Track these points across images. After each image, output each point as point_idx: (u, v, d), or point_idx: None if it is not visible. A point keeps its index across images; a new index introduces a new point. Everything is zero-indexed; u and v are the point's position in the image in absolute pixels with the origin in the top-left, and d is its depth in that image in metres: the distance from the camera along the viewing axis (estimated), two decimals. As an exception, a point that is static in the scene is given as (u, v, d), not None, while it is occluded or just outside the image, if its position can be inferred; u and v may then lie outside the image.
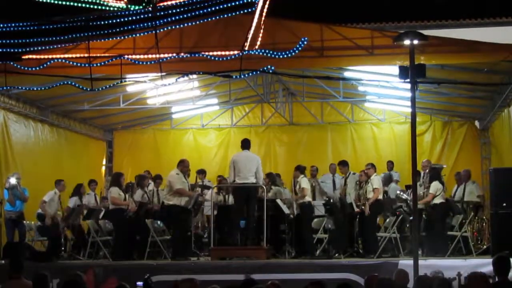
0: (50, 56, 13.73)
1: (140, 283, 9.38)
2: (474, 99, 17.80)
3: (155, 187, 16.41)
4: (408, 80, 11.76)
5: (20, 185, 15.66)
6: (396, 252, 14.95)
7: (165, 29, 13.14)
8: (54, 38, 12.20)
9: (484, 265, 12.44)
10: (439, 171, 15.85)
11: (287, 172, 18.11)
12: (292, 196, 15.70)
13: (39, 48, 13.57)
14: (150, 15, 11.21)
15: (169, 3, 11.19)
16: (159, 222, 15.67)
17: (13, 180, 15.53)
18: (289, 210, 15.51)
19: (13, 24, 11.64)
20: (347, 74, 16.91)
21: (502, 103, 15.90)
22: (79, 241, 16.51)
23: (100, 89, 14.56)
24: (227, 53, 13.09)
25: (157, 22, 11.79)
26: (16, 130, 16.99)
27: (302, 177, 15.35)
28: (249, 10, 12.06)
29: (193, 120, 21.87)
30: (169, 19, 11.88)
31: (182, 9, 11.47)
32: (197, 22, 12.99)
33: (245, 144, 14.86)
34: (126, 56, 13.51)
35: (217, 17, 12.82)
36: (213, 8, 11.59)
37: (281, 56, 12.96)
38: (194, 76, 16.12)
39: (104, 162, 21.90)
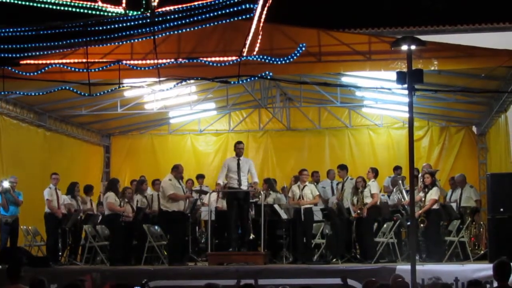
0: (48, 61, 13.72)
1: (138, 288, 9.40)
2: (471, 105, 17.82)
3: (156, 191, 16.40)
4: (406, 85, 11.77)
5: (14, 189, 15.59)
6: (394, 257, 14.96)
7: (163, 34, 13.15)
8: (52, 43, 12.17)
9: (482, 270, 12.49)
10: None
11: (285, 178, 18.14)
12: (289, 201, 15.72)
13: (37, 53, 13.56)
14: (148, 20, 11.20)
15: (167, 8, 11.17)
16: (156, 227, 15.67)
17: (6, 184, 15.41)
18: (286, 215, 15.54)
19: (11, 29, 11.60)
20: (344, 79, 16.93)
21: (499, 109, 15.93)
22: (76, 246, 16.51)
23: (98, 94, 14.56)
24: (225, 58, 13.10)
25: (155, 27, 11.78)
26: (12, 135, 16.92)
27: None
28: (247, 16, 12.06)
29: (190, 125, 21.87)
30: (167, 24, 11.85)
31: (180, 15, 11.46)
32: (195, 28, 13.01)
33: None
34: (124, 62, 13.51)
35: (215, 23, 12.83)
36: (211, 14, 11.57)
37: (279, 62, 12.97)
38: (192, 81, 16.13)
39: (101, 167, 21.87)
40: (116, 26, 11.46)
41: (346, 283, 9.61)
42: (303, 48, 12.90)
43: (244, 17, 12.08)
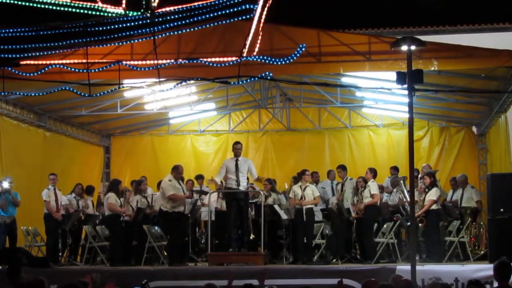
0: (48, 62, 13.70)
1: (138, 289, 9.41)
2: (471, 105, 17.83)
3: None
4: (406, 85, 11.77)
5: (12, 189, 15.59)
6: (394, 258, 14.96)
7: (163, 35, 13.14)
8: (52, 44, 12.16)
9: (482, 270, 12.50)
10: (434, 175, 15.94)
11: (285, 178, 18.14)
12: (290, 202, 15.73)
13: (37, 53, 13.54)
14: (148, 21, 11.19)
15: (167, 9, 11.17)
16: (156, 227, 15.67)
17: (5, 184, 15.38)
18: (286, 216, 15.54)
19: (11, 30, 11.60)
20: (344, 79, 16.93)
21: (499, 109, 15.92)
22: (76, 246, 16.51)
23: (98, 94, 14.55)
24: (225, 59, 13.09)
25: (155, 28, 11.78)
26: (12, 135, 16.91)
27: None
28: (247, 16, 12.05)
29: (190, 126, 21.87)
30: (167, 25, 11.85)
31: (180, 15, 11.46)
32: (195, 28, 13.00)
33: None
34: (124, 62, 13.50)
35: (216, 24, 12.82)
36: (211, 15, 11.56)
37: (279, 63, 12.96)
38: (192, 81, 16.13)
39: (101, 168, 21.86)
40: (116, 26, 11.46)
41: (341, 284, 9.53)
42: (303, 49, 12.88)
43: (244, 17, 12.07)
